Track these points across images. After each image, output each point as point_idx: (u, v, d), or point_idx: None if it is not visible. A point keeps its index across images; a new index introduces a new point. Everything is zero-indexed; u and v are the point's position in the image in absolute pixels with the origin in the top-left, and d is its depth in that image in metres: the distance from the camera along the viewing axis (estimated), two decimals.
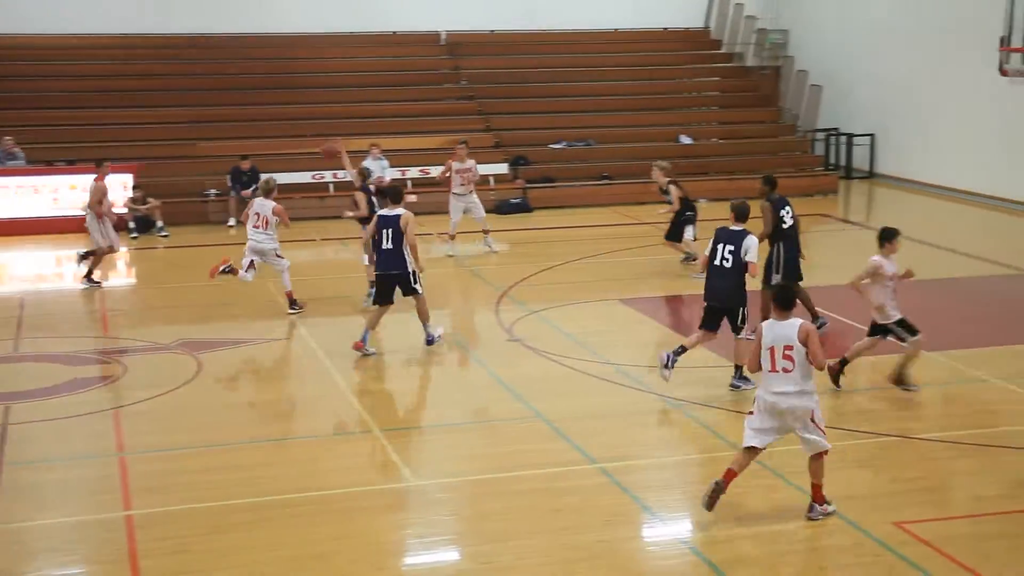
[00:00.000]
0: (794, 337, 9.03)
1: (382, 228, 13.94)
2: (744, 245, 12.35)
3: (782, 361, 9.05)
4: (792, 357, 9.02)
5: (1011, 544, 8.90)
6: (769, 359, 9.10)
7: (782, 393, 9.06)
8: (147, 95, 26.24)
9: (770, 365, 9.10)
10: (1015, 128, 23.72)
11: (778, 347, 9.07)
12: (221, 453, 11.03)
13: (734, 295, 12.43)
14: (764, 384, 9.21)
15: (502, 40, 29.76)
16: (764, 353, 9.14)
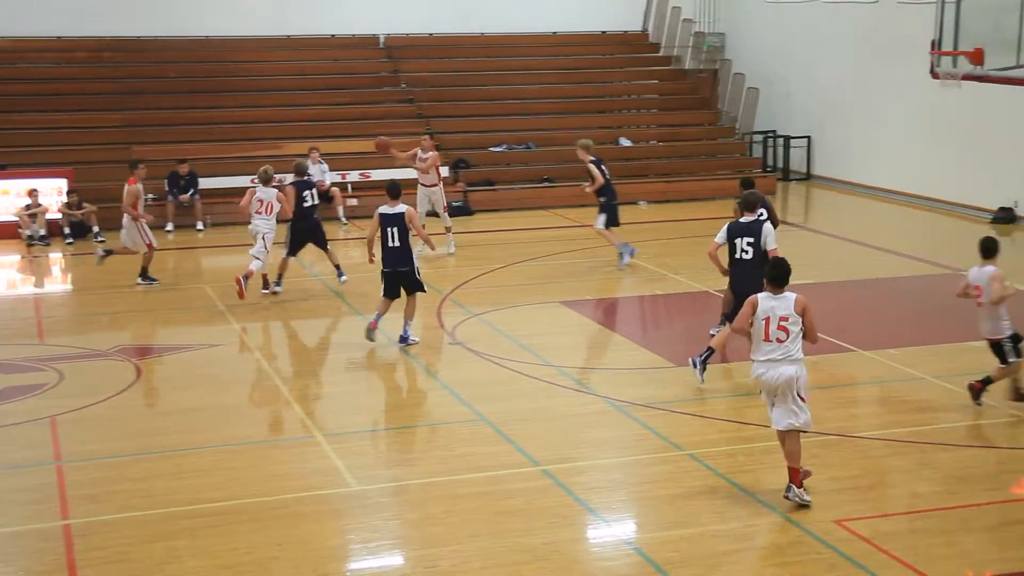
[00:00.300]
0: (791, 309, 9.44)
1: (387, 226, 14.01)
2: (763, 233, 12.65)
3: (776, 332, 9.42)
4: (787, 328, 9.40)
5: (947, 540, 9.04)
6: (763, 329, 9.45)
7: (779, 360, 9.43)
8: (81, 99, 25.86)
9: (764, 335, 9.45)
10: (946, 130, 24.11)
11: (773, 318, 9.42)
12: (161, 460, 10.91)
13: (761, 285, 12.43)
14: (756, 352, 9.54)
15: (441, 43, 29.72)
16: (758, 324, 9.46)
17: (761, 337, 9.51)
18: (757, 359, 9.58)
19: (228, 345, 14.80)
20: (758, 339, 9.54)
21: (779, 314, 9.46)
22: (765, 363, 9.49)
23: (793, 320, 9.43)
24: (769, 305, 9.53)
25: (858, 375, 13.34)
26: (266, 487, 10.28)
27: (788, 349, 9.45)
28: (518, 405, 12.30)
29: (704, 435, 11.37)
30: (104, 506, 9.89)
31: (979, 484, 10.13)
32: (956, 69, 16.05)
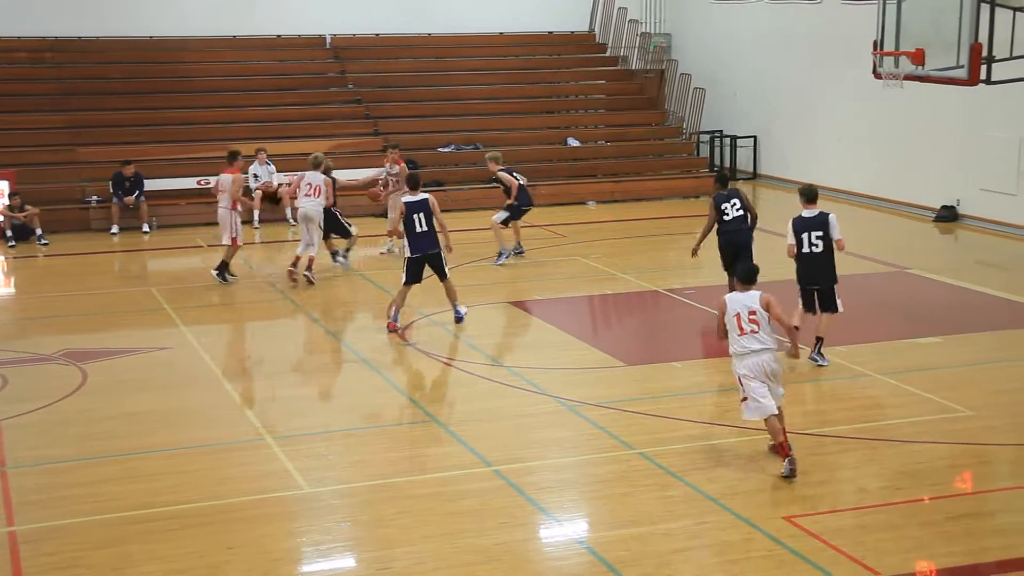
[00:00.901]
0: (756, 304, 10.34)
1: (413, 213, 14.85)
2: (830, 224, 13.29)
3: (748, 324, 10.30)
4: (757, 321, 10.29)
5: (895, 534, 9.15)
6: (736, 325, 10.33)
7: (758, 350, 10.28)
8: (23, 100, 25.51)
9: (738, 330, 10.33)
10: (890, 130, 24.42)
11: (743, 313, 10.33)
12: (109, 465, 10.80)
13: (831, 275, 13.44)
14: (736, 347, 10.36)
15: (388, 43, 29.63)
16: (730, 320, 10.36)
17: (736, 332, 10.34)
18: (740, 353, 10.35)
19: (176, 348, 14.66)
20: (734, 335, 10.37)
21: (749, 308, 10.33)
22: (751, 353, 10.30)
23: (760, 314, 10.31)
24: (737, 301, 10.41)
25: (806, 373, 13.46)
26: (217, 490, 10.21)
27: (763, 338, 10.31)
28: (469, 406, 12.31)
29: (655, 434, 11.43)
30: (52, 512, 9.77)
31: (925, 479, 10.27)
32: (898, 69, 16.23)
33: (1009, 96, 19.11)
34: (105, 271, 20.24)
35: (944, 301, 16.92)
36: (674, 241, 19.48)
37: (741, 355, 10.36)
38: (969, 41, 14.97)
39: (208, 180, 23.89)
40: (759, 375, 10.30)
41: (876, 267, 18.85)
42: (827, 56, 25.96)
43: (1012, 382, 13.03)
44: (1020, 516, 9.56)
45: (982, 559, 8.83)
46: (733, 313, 10.37)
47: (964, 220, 22.74)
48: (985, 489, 10.35)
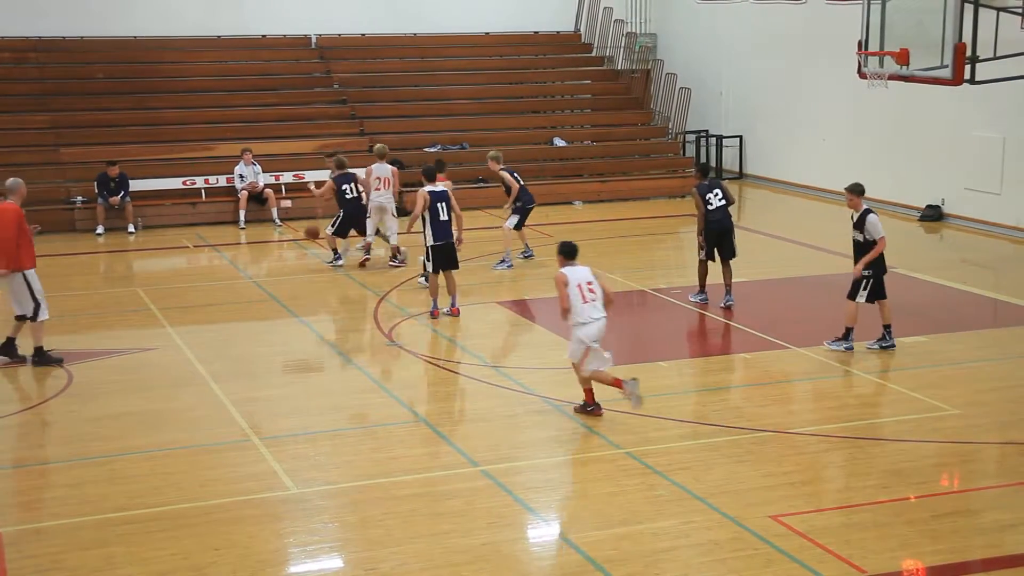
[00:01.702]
0: (590, 275, 11.57)
1: (437, 202, 15.45)
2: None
3: (589, 294, 11.42)
4: (593, 290, 11.46)
5: (881, 533, 9.17)
6: (579, 294, 11.37)
7: (599, 318, 11.44)
8: (6, 100, 25.30)
9: (582, 299, 11.38)
10: (875, 129, 24.49)
11: (583, 284, 11.44)
12: (93, 466, 10.76)
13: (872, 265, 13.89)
14: (581, 318, 11.37)
15: (373, 43, 29.59)
16: (574, 292, 11.36)
17: (580, 301, 11.40)
18: (583, 320, 11.38)
19: (162, 349, 14.62)
20: (578, 304, 11.39)
21: (587, 280, 11.52)
22: (592, 321, 11.41)
23: (594, 283, 11.52)
24: (576, 274, 11.52)
25: (791, 371, 13.50)
26: (202, 491, 10.18)
27: (600, 306, 11.52)
28: (456, 405, 12.31)
29: (641, 433, 11.43)
30: (35, 513, 9.74)
31: (911, 478, 10.30)
32: (883, 69, 16.29)
33: (993, 96, 19.20)
34: (90, 272, 20.17)
35: (929, 300, 16.97)
36: (660, 241, 19.51)
37: (584, 323, 11.37)
38: (953, 41, 15.04)
39: (194, 180, 23.92)
40: (597, 339, 11.40)
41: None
42: (812, 56, 26.03)
43: (997, 381, 13.08)
44: (1005, 514, 9.59)
45: (968, 557, 8.86)
46: (575, 284, 11.41)
47: (949, 219, 22.81)
48: (971, 487, 10.38)
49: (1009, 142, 21.40)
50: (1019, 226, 21.35)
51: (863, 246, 13.81)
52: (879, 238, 13.70)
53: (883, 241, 13.74)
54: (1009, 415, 11.92)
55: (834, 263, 19.29)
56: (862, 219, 13.77)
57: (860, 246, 13.86)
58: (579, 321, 11.42)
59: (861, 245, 13.84)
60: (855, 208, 13.93)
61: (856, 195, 13.92)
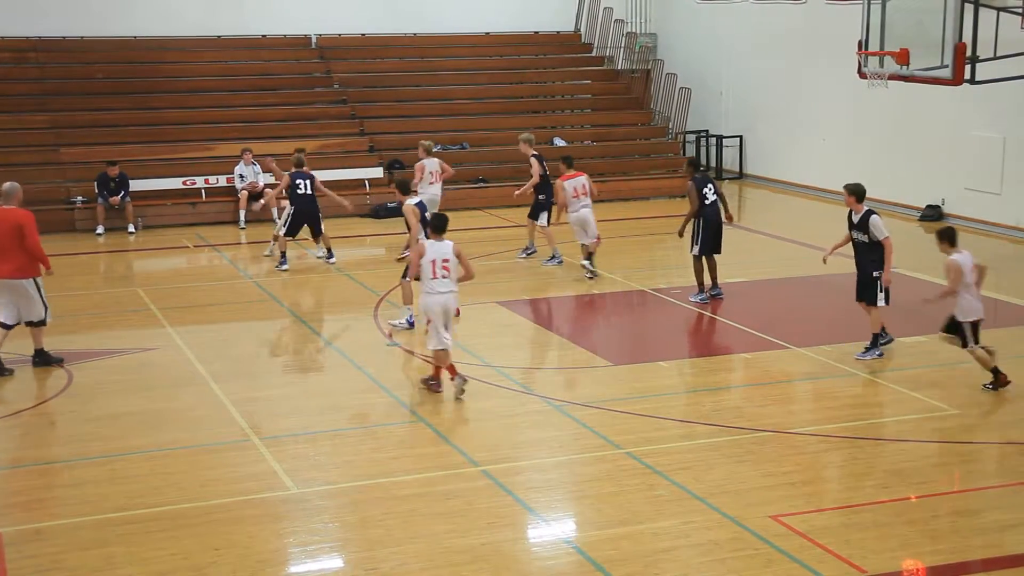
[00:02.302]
0: (450, 253, 12.18)
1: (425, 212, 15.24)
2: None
3: (441, 270, 12.13)
4: (448, 267, 12.11)
5: (881, 533, 9.17)
6: (431, 269, 12.09)
7: (445, 292, 12.15)
8: (6, 100, 25.30)
9: (432, 273, 12.11)
10: (875, 129, 24.49)
11: (438, 260, 12.12)
12: (93, 466, 10.76)
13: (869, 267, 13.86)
14: (428, 289, 12.13)
15: (374, 43, 29.59)
16: (426, 266, 12.08)
17: (430, 276, 12.10)
18: (430, 292, 12.13)
19: (162, 349, 14.62)
20: (427, 278, 12.11)
21: (442, 256, 12.11)
22: (436, 295, 12.10)
23: (452, 261, 12.14)
24: (435, 249, 12.15)
25: (792, 371, 13.50)
26: (202, 491, 10.18)
27: (449, 283, 12.19)
28: (456, 406, 12.30)
29: (641, 433, 11.43)
30: (36, 514, 9.73)
31: (911, 478, 10.30)
32: (883, 69, 16.30)
33: (993, 96, 19.19)
34: (91, 272, 20.17)
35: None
36: (660, 241, 19.49)
37: (430, 294, 12.15)
38: (953, 41, 15.04)
39: (194, 180, 23.91)
40: (441, 313, 12.11)
41: None
42: (812, 56, 26.02)
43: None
44: (1005, 514, 9.59)
45: (968, 557, 8.86)
46: (430, 259, 12.11)
47: (949, 219, 22.79)
48: (970, 487, 10.38)
49: (1009, 142, 21.40)
50: (1019, 226, 21.35)
51: (868, 247, 13.70)
52: (884, 239, 13.61)
53: (888, 241, 13.66)
54: (1009, 415, 11.93)
55: (835, 263, 19.21)
56: (864, 220, 13.68)
57: (865, 247, 13.76)
58: (427, 291, 12.21)
59: (867, 246, 13.73)
60: (853, 208, 13.87)
61: (853, 196, 13.83)
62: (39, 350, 13.82)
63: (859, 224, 13.76)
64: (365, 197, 24.34)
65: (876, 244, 13.65)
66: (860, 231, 13.75)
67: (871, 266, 13.69)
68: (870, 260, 13.70)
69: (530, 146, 19.58)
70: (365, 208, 24.11)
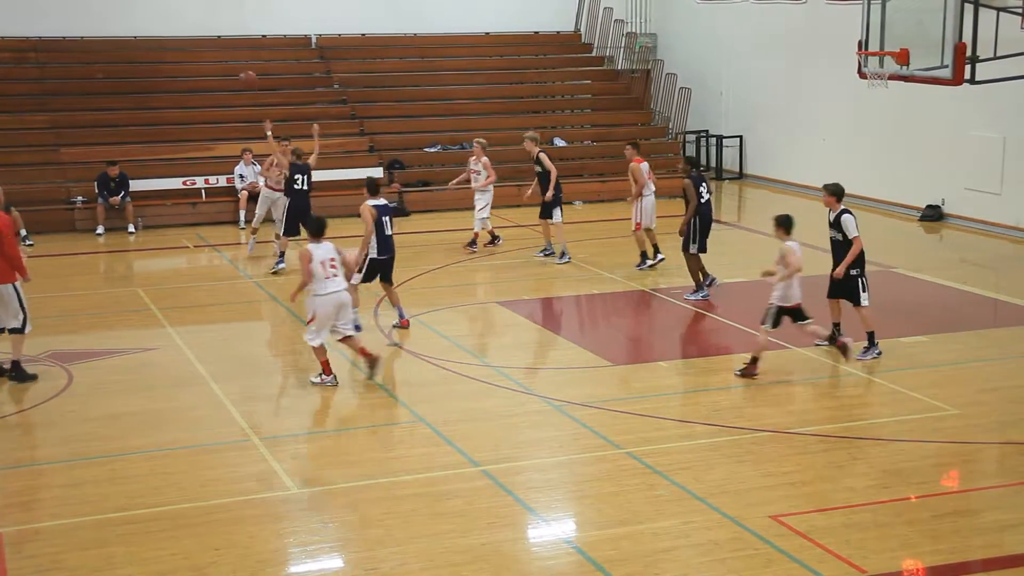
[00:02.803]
0: (334, 252, 12.65)
1: (383, 216, 15.15)
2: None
3: (330, 269, 12.51)
4: (335, 266, 12.54)
5: (881, 533, 9.17)
6: (321, 270, 12.45)
7: (339, 291, 12.59)
8: (6, 100, 25.30)
9: (324, 274, 12.47)
10: (875, 129, 24.49)
11: (326, 261, 12.51)
12: (94, 467, 10.75)
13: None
14: (321, 290, 12.49)
15: (374, 43, 29.59)
16: (317, 267, 12.43)
17: (323, 277, 12.47)
18: (323, 293, 12.49)
19: (162, 349, 14.62)
20: (320, 279, 12.47)
21: (328, 257, 12.53)
22: (330, 294, 12.53)
23: (336, 260, 12.56)
24: (320, 251, 12.53)
25: (792, 372, 13.49)
26: (202, 491, 10.18)
27: (340, 281, 12.61)
28: (456, 406, 12.29)
29: (641, 433, 11.43)
30: (35, 514, 9.73)
31: (911, 478, 10.30)
32: (883, 69, 16.28)
33: (993, 96, 19.18)
34: (91, 272, 20.18)
35: (929, 300, 16.97)
36: (660, 241, 19.42)
37: (323, 294, 12.50)
38: (953, 41, 15.03)
39: (194, 180, 23.91)
40: (334, 311, 12.58)
41: None
42: (812, 56, 26.03)
43: (997, 380, 13.08)
44: (1005, 514, 9.59)
45: (968, 557, 8.85)
46: (319, 261, 12.48)
47: (949, 219, 22.81)
48: (971, 487, 10.38)
49: (1009, 142, 21.40)
50: (1019, 226, 21.34)
51: (843, 246, 13.83)
52: (854, 237, 13.68)
53: (858, 241, 13.71)
54: (1009, 415, 11.92)
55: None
56: (838, 219, 13.79)
57: (840, 245, 13.89)
58: (318, 293, 12.54)
59: (842, 244, 13.86)
60: (831, 207, 13.96)
61: (831, 195, 13.92)
62: (15, 363, 13.40)
63: (834, 222, 13.87)
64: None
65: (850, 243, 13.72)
66: (835, 229, 13.86)
67: (850, 267, 13.73)
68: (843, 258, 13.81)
69: (536, 144, 19.57)
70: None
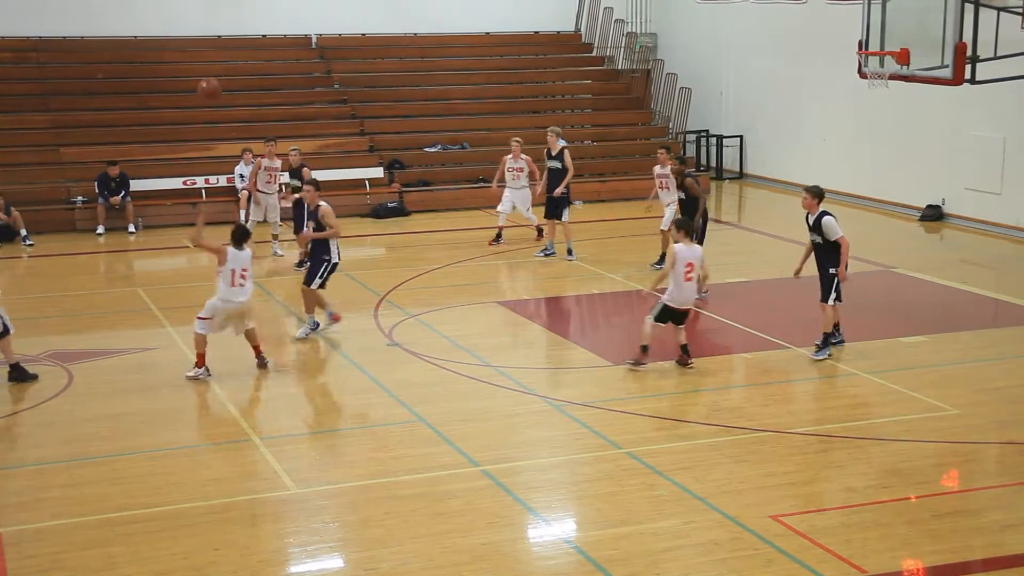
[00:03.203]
0: (249, 263, 13.15)
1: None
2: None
3: (239, 279, 13.05)
4: (245, 277, 13.08)
5: (882, 533, 9.17)
6: (230, 277, 12.98)
7: (241, 301, 13.10)
8: (7, 100, 25.29)
9: (231, 282, 13.00)
10: (875, 129, 24.49)
11: (237, 270, 13.03)
12: (94, 466, 10.76)
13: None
14: (225, 296, 13.06)
15: (374, 43, 29.59)
16: (226, 272, 12.99)
17: (229, 284, 13.00)
18: (224, 299, 13.04)
19: (163, 348, 14.61)
20: (226, 285, 13.01)
21: (242, 266, 13.06)
22: (232, 303, 13.06)
23: (249, 271, 13.10)
24: (235, 259, 12.99)
25: (792, 371, 13.49)
26: (203, 491, 10.18)
27: (247, 292, 13.16)
28: (456, 406, 12.29)
29: (642, 433, 11.43)
30: (35, 514, 9.72)
31: (912, 478, 10.30)
32: (883, 69, 16.27)
33: (993, 95, 19.18)
34: (91, 272, 20.18)
35: (929, 300, 16.96)
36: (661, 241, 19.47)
37: (224, 301, 13.05)
38: (954, 41, 15.02)
39: (194, 180, 23.91)
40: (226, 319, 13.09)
41: (861, 266, 18.85)
42: (813, 56, 26.02)
43: (997, 380, 13.08)
44: (1006, 514, 9.59)
45: (968, 557, 8.85)
46: (230, 268, 12.97)
47: (949, 219, 22.80)
48: (971, 487, 10.37)
49: (1009, 142, 21.39)
50: (1019, 226, 21.34)
51: (824, 248, 13.64)
52: (839, 238, 13.55)
53: (845, 240, 13.61)
54: (1009, 415, 11.93)
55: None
56: (818, 221, 13.62)
57: (822, 248, 13.70)
58: (222, 297, 13.07)
59: (823, 247, 13.67)
60: (810, 210, 13.77)
61: (813, 196, 13.76)
62: (13, 364, 13.29)
63: (813, 225, 13.70)
64: (365, 197, 24.35)
65: (833, 244, 13.58)
66: (815, 232, 13.68)
67: (829, 266, 13.65)
68: (827, 261, 13.68)
69: (559, 138, 19.52)
70: (366, 208, 24.13)
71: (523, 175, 20.36)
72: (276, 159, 20.10)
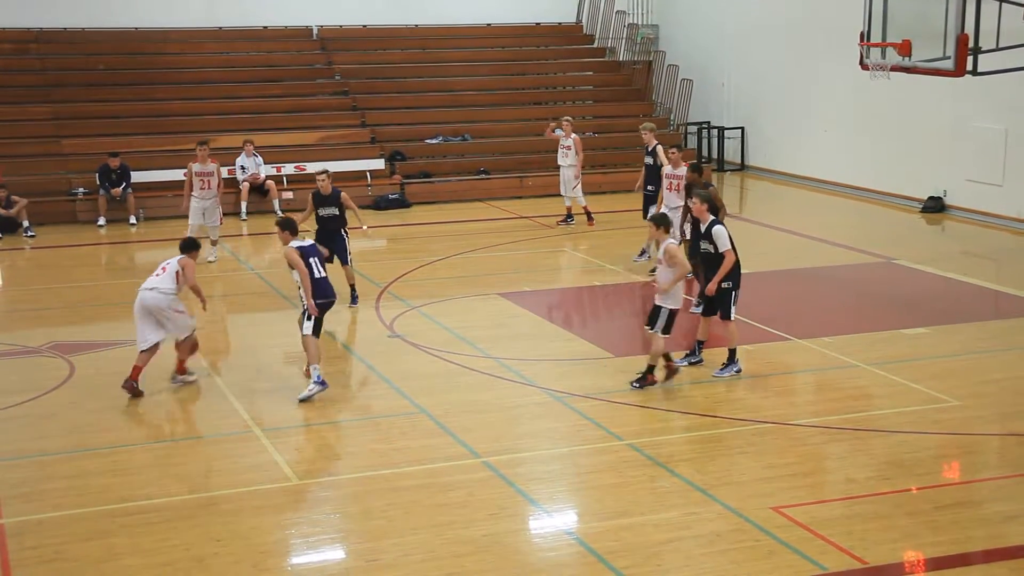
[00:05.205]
0: (174, 262, 12.80)
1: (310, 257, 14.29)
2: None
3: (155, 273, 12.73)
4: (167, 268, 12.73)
5: (883, 524, 9.17)
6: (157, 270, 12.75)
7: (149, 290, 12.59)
8: (8, 91, 25.31)
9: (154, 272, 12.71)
10: (877, 120, 24.45)
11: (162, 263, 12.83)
12: (96, 457, 10.77)
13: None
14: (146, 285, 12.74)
15: (375, 34, 29.58)
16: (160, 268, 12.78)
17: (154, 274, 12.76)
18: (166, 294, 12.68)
19: (164, 340, 14.57)
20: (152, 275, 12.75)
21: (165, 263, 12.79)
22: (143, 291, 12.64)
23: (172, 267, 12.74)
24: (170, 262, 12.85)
25: (793, 363, 13.49)
26: (204, 482, 10.20)
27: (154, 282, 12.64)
28: (458, 397, 12.30)
29: (643, 424, 11.44)
30: (37, 505, 9.74)
31: (913, 469, 10.30)
32: (885, 60, 16.25)
33: (995, 87, 19.16)
34: (92, 263, 20.19)
35: (931, 292, 16.96)
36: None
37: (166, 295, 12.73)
38: (955, 32, 14.99)
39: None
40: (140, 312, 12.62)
41: (863, 258, 18.88)
42: (814, 47, 25.98)
43: (998, 372, 13.07)
44: (1006, 505, 9.59)
45: (969, 548, 8.85)
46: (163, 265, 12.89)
47: (951, 211, 22.79)
48: (972, 479, 10.37)
49: (1011, 133, 21.37)
50: (1020, 217, 21.32)
51: (714, 258, 12.73)
52: (725, 251, 12.58)
53: (730, 254, 12.59)
54: (1010, 406, 11.93)
55: (836, 255, 19.28)
56: (709, 230, 12.72)
57: (711, 258, 12.80)
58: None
59: (712, 257, 12.77)
60: (702, 218, 12.88)
61: (704, 202, 12.89)
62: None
63: (704, 234, 12.88)
64: (367, 189, 24.34)
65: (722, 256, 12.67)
66: (707, 241, 12.84)
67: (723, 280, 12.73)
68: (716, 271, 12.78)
69: (653, 135, 19.17)
70: (368, 199, 24.12)
71: (571, 153, 20.84)
72: (209, 162, 19.12)
